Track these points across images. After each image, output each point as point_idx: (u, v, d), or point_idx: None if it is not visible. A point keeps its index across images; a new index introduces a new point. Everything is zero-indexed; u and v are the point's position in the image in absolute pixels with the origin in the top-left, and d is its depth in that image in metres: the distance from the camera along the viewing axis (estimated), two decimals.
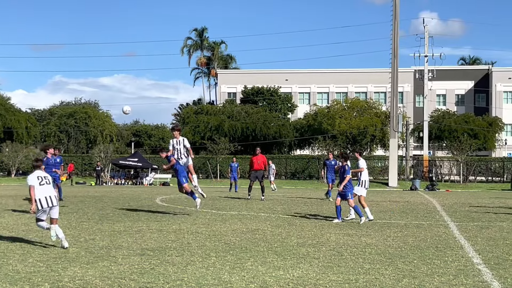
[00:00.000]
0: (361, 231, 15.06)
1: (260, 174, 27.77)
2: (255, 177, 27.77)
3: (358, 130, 68.47)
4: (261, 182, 27.66)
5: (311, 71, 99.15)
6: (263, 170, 28.22)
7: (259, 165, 27.77)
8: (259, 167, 27.77)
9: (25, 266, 9.56)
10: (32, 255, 10.64)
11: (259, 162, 27.83)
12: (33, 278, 8.65)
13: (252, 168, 28.07)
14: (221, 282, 8.57)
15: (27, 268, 9.40)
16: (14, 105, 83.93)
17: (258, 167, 27.75)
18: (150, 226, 15.54)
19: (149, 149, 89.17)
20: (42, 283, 8.31)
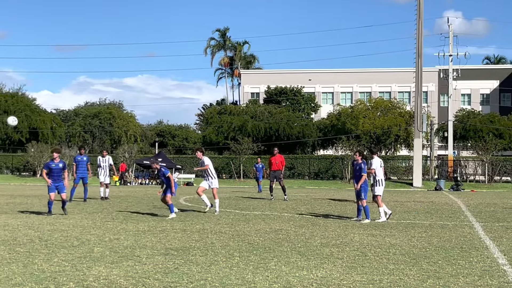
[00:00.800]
0: (385, 231, 14.99)
1: (278, 174, 27.93)
2: (273, 177, 28.01)
3: (382, 130, 68.10)
4: (280, 182, 27.77)
5: (335, 70, 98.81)
6: (281, 170, 28.28)
7: (277, 166, 27.96)
8: (277, 167, 27.95)
9: (51, 265, 9.64)
10: (57, 254, 10.72)
11: (277, 162, 28.01)
12: (58, 277, 8.72)
13: (270, 168, 28.27)
14: (244, 282, 8.58)
15: (52, 267, 9.47)
16: (39, 106, 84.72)
17: (276, 167, 27.96)
18: (174, 226, 15.60)
19: (172, 149, 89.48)
20: (67, 283, 8.37)
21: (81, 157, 25.71)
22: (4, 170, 71.21)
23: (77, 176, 25.37)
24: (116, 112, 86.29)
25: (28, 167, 69.26)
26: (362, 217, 17.75)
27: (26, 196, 29.55)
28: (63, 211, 18.90)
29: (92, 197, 27.35)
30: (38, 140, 73.68)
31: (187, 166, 67.10)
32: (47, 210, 18.83)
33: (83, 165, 25.55)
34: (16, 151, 75.77)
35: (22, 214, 18.89)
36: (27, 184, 52.35)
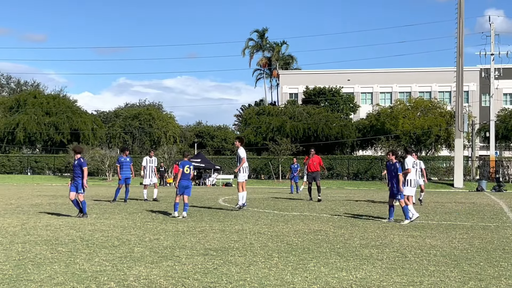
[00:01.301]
0: (425, 232, 14.85)
1: (317, 175, 27.67)
2: (311, 179, 27.74)
3: (422, 130, 67.46)
4: (317, 182, 27.46)
5: (374, 70, 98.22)
6: (319, 171, 28.00)
7: (315, 167, 27.63)
8: (315, 169, 27.63)
9: (92, 265, 9.75)
10: (98, 254, 10.84)
11: (315, 163, 27.70)
12: (99, 277, 8.81)
13: (308, 169, 27.93)
14: (283, 282, 8.57)
15: (94, 267, 9.58)
16: (80, 107, 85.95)
17: (314, 168, 27.63)
18: (213, 226, 15.66)
19: (211, 150, 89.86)
20: (108, 282, 8.46)
21: (125, 158, 25.95)
22: (46, 171, 72.33)
23: (122, 177, 25.61)
24: (156, 113, 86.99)
25: (69, 168, 70.19)
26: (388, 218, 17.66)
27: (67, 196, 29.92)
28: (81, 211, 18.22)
29: (133, 198, 27.62)
30: (79, 141, 74.72)
31: (226, 167, 67.39)
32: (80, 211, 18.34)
33: (127, 166, 25.81)
34: (58, 152, 76.96)
35: (64, 214, 19.14)
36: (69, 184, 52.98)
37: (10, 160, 73.53)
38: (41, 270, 9.21)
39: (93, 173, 70.00)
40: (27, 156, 76.34)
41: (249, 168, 22.11)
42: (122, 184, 25.65)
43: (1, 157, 74.17)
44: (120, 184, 25.70)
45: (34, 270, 9.25)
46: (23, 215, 18.49)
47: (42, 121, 77.78)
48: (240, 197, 21.12)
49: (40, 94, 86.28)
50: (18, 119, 77.19)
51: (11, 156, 74.48)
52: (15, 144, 78.37)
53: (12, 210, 20.39)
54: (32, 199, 26.91)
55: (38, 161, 73.10)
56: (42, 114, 78.77)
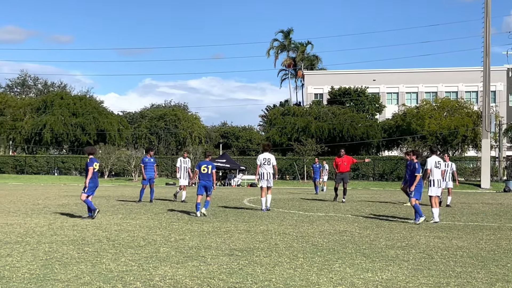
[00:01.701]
0: (452, 233, 14.73)
1: (346, 176, 27.04)
2: (340, 179, 26.95)
3: (449, 131, 66.96)
4: (345, 184, 26.79)
5: (400, 70, 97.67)
6: (349, 172, 27.47)
7: (345, 167, 26.92)
8: (345, 169, 26.93)
9: (118, 265, 9.80)
10: (124, 254, 10.90)
11: (345, 163, 26.98)
12: (126, 277, 8.86)
13: (338, 170, 27.11)
14: (309, 283, 8.55)
15: (120, 267, 9.63)
16: (106, 108, 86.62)
17: (344, 169, 26.88)
18: (238, 226, 15.67)
19: (236, 150, 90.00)
20: (134, 282, 8.50)
21: (149, 159, 26.08)
22: (73, 171, 72.95)
23: (146, 177, 25.74)
24: (181, 114, 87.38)
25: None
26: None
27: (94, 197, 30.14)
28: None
29: (158, 198, 27.75)
30: (106, 142, 75.28)
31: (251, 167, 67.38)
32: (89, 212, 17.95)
33: (151, 167, 25.94)
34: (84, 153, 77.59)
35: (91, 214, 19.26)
36: None
37: (37, 160, 74.28)
38: (68, 270, 9.29)
39: (119, 174, 70.51)
40: (54, 156, 77.06)
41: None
42: (146, 185, 25.77)
43: (29, 158, 74.96)
44: (144, 185, 25.83)
45: (61, 269, 9.33)
46: (50, 215, 18.65)
47: (69, 122, 78.52)
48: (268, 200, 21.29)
49: (67, 95, 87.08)
50: (45, 120, 77.98)
51: (38, 157, 75.27)
52: (42, 145, 79.19)
53: (39, 210, 20.59)
54: (59, 199, 27.15)
55: (64, 161, 73.79)
56: (69, 115, 79.52)
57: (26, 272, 9.13)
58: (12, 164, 74.43)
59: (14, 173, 72.64)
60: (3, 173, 72.71)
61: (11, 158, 76.13)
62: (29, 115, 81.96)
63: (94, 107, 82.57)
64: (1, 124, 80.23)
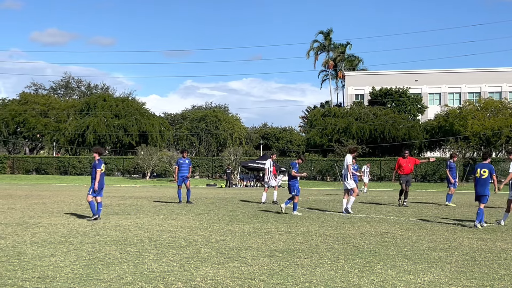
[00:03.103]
0: (495, 235, 14.51)
1: (410, 178, 25.84)
2: (405, 181, 25.37)
3: (492, 131, 65.95)
4: (407, 187, 25.49)
5: (442, 71, 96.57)
6: (412, 173, 26.06)
7: (409, 169, 25.79)
8: (410, 171, 25.83)
9: (160, 265, 9.88)
10: (166, 254, 10.98)
11: (410, 165, 25.83)
12: (167, 277, 8.93)
13: (401, 171, 25.74)
14: (350, 285, 8.51)
15: (161, 267, 9.71)
16: (148, 110, 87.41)
17: (408, 170, 25.76)
18: (279, 228, 15.67)
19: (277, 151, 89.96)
20: (176, 282, 8.56)
21: (183, 160, 26.21)
22: (116, 172, 73.76)
23: (179, 178, 25.89)
24: (222, 115, 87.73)
25: (138, 170, 71.44)
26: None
27: (136, 197, 30.46)
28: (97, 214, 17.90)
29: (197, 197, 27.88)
30: (147, 143, 75.98)
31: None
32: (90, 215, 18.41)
33: (186, 168, 26.04)
34: (127, 154, 78.46)
35: (133, 215, 19.46)
36: (137, 186, 53.96)
37: (80, 161, 75.29)
38: (111, 270, 9.40)
39: (161, 175, 71.08)
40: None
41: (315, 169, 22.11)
42: (180, 185, 25.92)
43: (72, 159, 76.04)
44: (179, 185, 25.97)
45: (104, 269, 9.44)
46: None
47: (111, 123, 79.46)
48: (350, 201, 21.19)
49: (110, 97, 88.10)
50: (88, 122, 79.01)
51: (82, 158, 76.28)
52: (85, 146, 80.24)
53: (83, 210, 20.86)
54: None
55: (107, 162, 74.61)
56: (111, 117, 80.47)
57: (70, 272, 9.26)
58: (56, 165, 75.59)
59: (58, 174, 73.77)
60: (47, 174, 73.91)
61: (54, 159, 77.33)
62: (72, 117, 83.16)
63: (136, 109, 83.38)
64: (45, 126, 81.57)
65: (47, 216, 18.50)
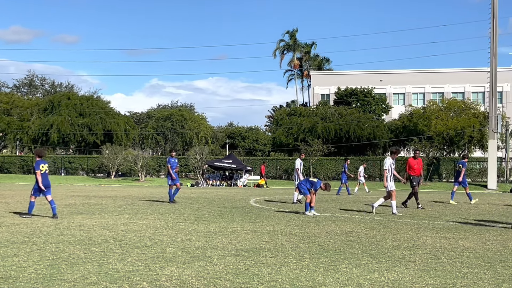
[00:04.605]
0: (458, 234, 14.71)
1: (419, 180, 25.37)
2: (417, 183, 25.03)
3: (455, 131, 66.80)
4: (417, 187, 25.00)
5: (406, 71, 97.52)
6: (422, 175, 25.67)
7: (420, 169, 25.43)
8: (420, 172, 25.48)
9: (124, 265, 9.83)
10: (131, 254, 10.92)
11: (420, 166, 25.45)
12: (132, 277, 8.88)
13: (413, 172, 25.20)
14: (315, 284, 8.55)
15: (126, 267, 9.66)
16: (113, 109, 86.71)
17: (419, 171, 25.36)
18: (245, 227, 15.68)
19: (243, 150, 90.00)
20: (141, 282, 8.52)
21: (174, 159, 26.09)
22: (80, 172, 73.08)
23: (170, 178, 25.81)
24: (188, 114, 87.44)
25: (102, 169, 70.86)
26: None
27: (101, 197, 30.23)
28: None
29: (161, 200, 27.77)
30: (112, 142, 75.42)
31: (257, 168, 67.34)
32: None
33: (175, 167, 25.95)
34: (91, 153, 77.75)
35: (97, 214, 19.32)
36: (102, 185, 53.55)
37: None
38: (75, 270, 9.32)
39: (126, 174, 70.57)
40: (61, 157, 77.17)
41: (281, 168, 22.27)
42: (173, 185, 25.83)
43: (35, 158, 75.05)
44: (172, 185, 25.87)
45: (68, 269, 9.36)
46: None
47: (75, 122, 78.65)
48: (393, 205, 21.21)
49: (74, 95, 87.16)
50: (52, 120, 78.11)
51: (45, 157, 75.33)
52: (49, 145, 79.29)
53: (46, 210, 20.64)
54: (65, 200, 27.21)
55: (71, 161, 73.89)
56: (76, 115, 79.66)
57: (33, 272, 9.16)
58: (19, 164, 74.57)
59: (21, 173, 72.80)
60: (10, 173, 72.90)
61: (18, 158, 76.29)
62: (36, 115, 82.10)
63: (101, 108, 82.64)
64: (8, 125, 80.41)
65: (10, 216, 18.28)
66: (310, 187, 20.15)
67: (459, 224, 17.48)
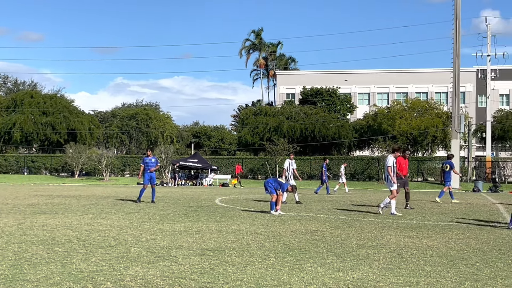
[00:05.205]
0: (422, 233, 14.85)
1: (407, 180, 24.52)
2: (403, 183, 23.63)
3: (419, 131, 67.55)
4: (407, 187, 24.18)
5: (371, 71, 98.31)
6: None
7: (407, 169, 24.22)
8: (407, 172, 24.24)
9: (88, 265, 9.74)
10: (95, 254, 10.83)
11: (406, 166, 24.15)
12: (96, 277, 8.80)
13: (401, 172, 23.44)
14: (280, 283, 8.56)
15: (90, 267, 9.57)
16: (77, 107, 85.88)
17: (406, 171, 24.09)
18: (210, 226, 15.65)
19: (208, 150, 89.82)
20: (105, 282, 8.45)
21: (149, 159, 25.89)
22: (43, 171, 72.26)
23: (145, 177, 25.61)
24: (153, 113, 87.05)
25: (66, 168, 70.15)
26: None
27: (65, 196, 29.93)
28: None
29: (129, 199, 27.59)
30: (76, 141, 74.71)
31: (223, 167, 67.31)
32: None
33: (152, 167, 25.70)
34: (55, 152, 76.91)
35: (61, 214, 19.12)
36: (65, 184, 53.00)
37: (6, 160, 73.42)
38: (38, 270, 9.20)
39: (90, 173, 69.99)
40: (24, 156, 76.25)
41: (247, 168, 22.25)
42: (146, 185, 25.65)
43: None
44: (145, 184, 25.69)
45: (30, 270, 9.24)
46: (19, 215, 18.47)
47: (39, 121, 77.72)
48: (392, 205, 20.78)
49: (37, 93, 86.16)
50: (15, 119, 77.09)
51: (8, 156, 74.40)
52: (11, 144, 78.29)
53: (9, 210, 20.36)
54: (28, 199, 26.88)
55: (34, 160, 73.03)
56: (39, 114, 78.72)
57: None
58: None
59: None
60: None
61: None
62: None
63: (65, 106, 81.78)
64: None
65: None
66: (277, 187, 20.21)
67: (422, 223, 17.66)
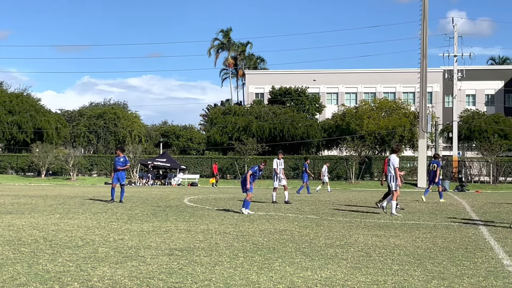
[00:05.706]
0: (389, 232, 14.97)
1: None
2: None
3: (387, 131, 68.08)
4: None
5: (339, 71, 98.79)
6: None
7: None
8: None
9: (55, 265, 9.64)
10: (61, 254, 10.73)
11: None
12: (63, 277, 8.72)
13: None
14: (249, 282, 8.56)
15: (57, 267, 9.47)
16: (44, 106, 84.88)
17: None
18: (178, 226, 15.60)
19: (177, 149, 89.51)
20: (72, 283, 8.37)
21: (118, 158, 25.76)
22: (9, 171, 71.37)
23: (114, 177, 25.48)
24: (121, 112, 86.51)
25: (32, 168, 69.38)
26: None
27: (31, 196, 29.60)
28: None
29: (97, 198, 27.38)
30: (43, 141, 73.87)
31: (192, 167, 67.16)
32: None
33: (120, 166, 25.55)
34: (21, 151, 75.97)
35: (27, 214, 18.90)
36: (32, 184, 52.42)
37: None
38: (3, 271, 9.09)
39: (57, 173, 69.31)
40: None
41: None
42: (116, 184, 25.49)
43: None
44: (114, 184, 25.54)
45: None
46: None
47: (4, 119, 76.68)
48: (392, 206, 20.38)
49: (3, 92, 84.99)
50: None
51: None
52: None
53: None
54: None
55: (0, 160, 72.08)
56: (5, 113, 77.66)
57: None
58: None
59: None
60: None
61: None
62: None
63: (31, 105, 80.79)
64: None
65: None
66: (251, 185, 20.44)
67: (390, 222, 17.80)
